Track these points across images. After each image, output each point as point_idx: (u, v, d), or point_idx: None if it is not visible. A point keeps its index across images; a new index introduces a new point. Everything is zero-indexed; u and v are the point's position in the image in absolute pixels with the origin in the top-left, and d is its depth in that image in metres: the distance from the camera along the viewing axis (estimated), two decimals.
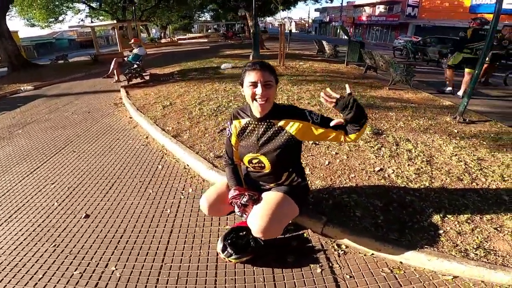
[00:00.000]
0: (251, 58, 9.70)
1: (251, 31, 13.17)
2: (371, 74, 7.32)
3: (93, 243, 1.94)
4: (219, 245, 1.61)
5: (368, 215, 1.98)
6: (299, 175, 1.71)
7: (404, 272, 1.61)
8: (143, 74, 7.45)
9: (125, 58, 7.89)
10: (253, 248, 1.60)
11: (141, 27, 23.84)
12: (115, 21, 18.08)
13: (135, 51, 7.31)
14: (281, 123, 1.49)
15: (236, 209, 1.56)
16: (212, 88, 5.63)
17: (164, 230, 1.99)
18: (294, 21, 78.65)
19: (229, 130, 1.64)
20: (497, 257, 1.62)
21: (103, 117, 4.78)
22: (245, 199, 1.52)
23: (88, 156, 3.28)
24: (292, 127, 1.47)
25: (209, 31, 28.26)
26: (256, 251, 1.61)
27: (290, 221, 1.81)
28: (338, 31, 43.08)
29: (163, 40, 26.30)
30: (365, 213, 2.01)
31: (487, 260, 1.59)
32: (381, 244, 1.71)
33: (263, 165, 1.57)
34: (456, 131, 3.76)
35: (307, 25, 64.35)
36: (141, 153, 3.25)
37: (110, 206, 2.32)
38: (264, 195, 1.60)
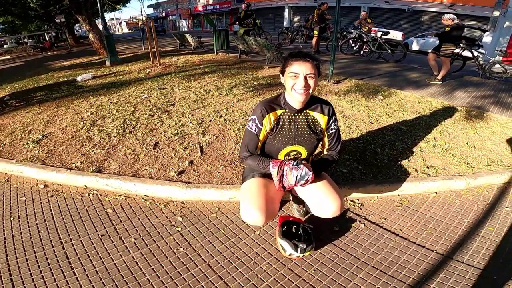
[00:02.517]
0: (108, 63, 8.28)
1: (91, 35, 11.16)
2: (245, 58, 7.94)
3: None
4: (288, 246, 1.52)
5: (352, 169, 2.37)
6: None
7: (408, 200, 2.09)
8: None
9: None
10: (310, 233, 1.62)
11: None
12: None
13: None
14: (316, 114, 1.55)
15: (294, 173, 1.42)
16: (93, 105, 4.54)
17: (205, 265, 1.62)
18: (125, 21, 72.11)
19: (256, 126, 1.51)
20: (442, 170, 2.36)
21: None
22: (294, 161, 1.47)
23: None
24: (322, 120, 1.56)
25: (5, 46, 21.38)
26: (312, 235, 1.64)
27: None
28: (178, 24, 43.10)
29: None
30: (348, 168, 2.39)
31: (441, 174, 2.29)
32: (381, 186, 2.13)
33: (300, 155, 1.60)
34: (337, 90, 4.80)
35: (140, 23, 60.44)
36: (61, 206, 2.34)
37: (111, 271, 1.59)
38: None
